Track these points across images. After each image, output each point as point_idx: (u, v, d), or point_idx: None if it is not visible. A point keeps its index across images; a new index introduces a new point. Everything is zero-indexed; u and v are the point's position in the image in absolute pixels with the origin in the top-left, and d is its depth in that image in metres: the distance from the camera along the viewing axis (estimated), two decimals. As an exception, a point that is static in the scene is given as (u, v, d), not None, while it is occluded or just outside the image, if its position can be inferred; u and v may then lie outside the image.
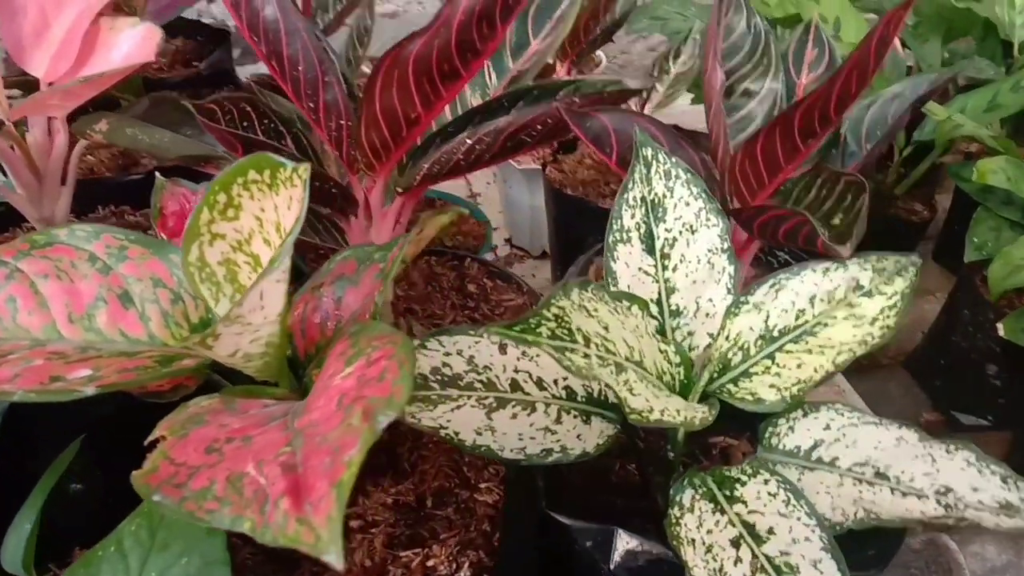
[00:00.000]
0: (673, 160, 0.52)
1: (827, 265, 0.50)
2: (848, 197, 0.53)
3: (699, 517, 0.45)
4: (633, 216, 0.51)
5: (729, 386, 0.50)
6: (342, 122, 0.55)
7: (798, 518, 0.43)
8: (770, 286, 0.50)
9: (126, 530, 0.38)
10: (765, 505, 0.45)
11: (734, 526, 0.44)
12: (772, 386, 0.48)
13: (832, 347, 0.48)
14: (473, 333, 0.46)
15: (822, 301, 0.49)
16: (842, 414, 0.48)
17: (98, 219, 0.80)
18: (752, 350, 0.50)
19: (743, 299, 0.50)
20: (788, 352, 0.49)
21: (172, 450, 0.28)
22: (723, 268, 0.51)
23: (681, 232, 0.51)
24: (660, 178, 0.52)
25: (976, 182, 0.77)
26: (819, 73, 0.72)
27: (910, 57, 1.14)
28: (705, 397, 0.50)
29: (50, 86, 0.61)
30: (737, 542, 0.43)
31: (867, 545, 0.49)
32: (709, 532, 0.44)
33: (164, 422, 0.31)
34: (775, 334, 0.50)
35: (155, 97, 0.61)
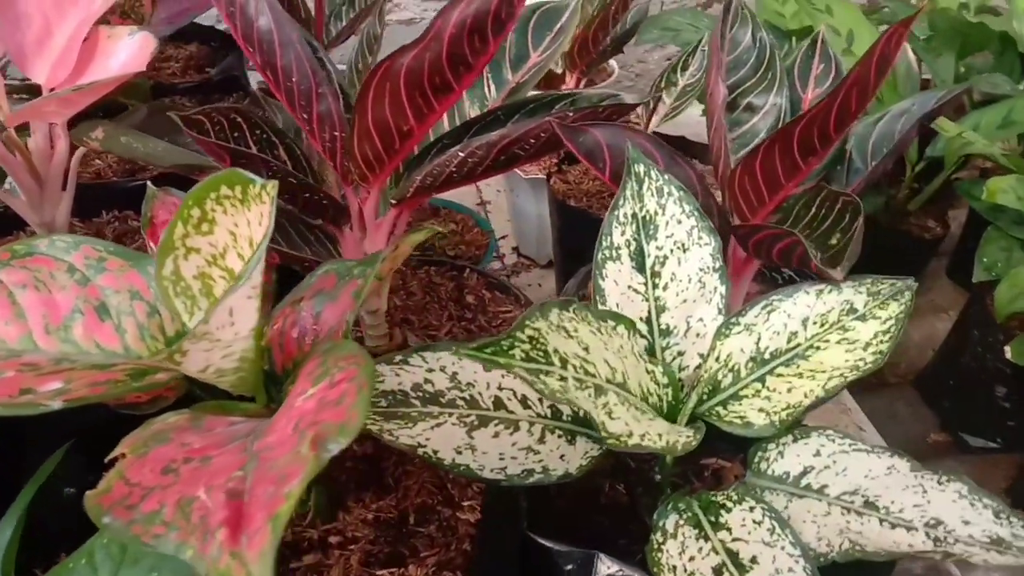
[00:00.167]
0: (666, 177, 0.51)
1: (821, 287, 0.49)
2: (846, 217, 0.52)
3: (682, 543, 0.44)
4: (623, 233, 0.51)
5: (718, 408, 0.49)
6: (336, 133, 0.54)
7: (782, 547, 0.42)
8: (762, 307, 0.49)
9: (97, 543, 0.38)
10: (750, 533, 0.44)
11: (717, 554, 0.43)
12: (762, 410, 0.47)
13: (824, 371, 0.47)
14: (456, 349, 0.46)
15: (815, 324, 0.48)
16: (833, 440, 0.47)
17: (101, 224, 0.81)
18: (743, 372, 0.49)
19: (734, 320, 0.49)
20: (779, 376, 0.48)
21: (129, 469, 0.28)
22: (714, 287, 0.50)
23: (673, 250, 0.51)
24: (652, 195, 0.51)
25: (986, 201, 0.75)
26: (825, 88, 0.71)
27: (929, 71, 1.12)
28: (693, 419, 0.49)
29: (52, 92, 0.61)
30: (720, 570, 0.42)
31: (856, 576, 0.47)
32: (691, 559, 0.43)
33: (128, 439, 0.31)
34: (766, 356, 0.49)
35: (154, 105, 0.61)
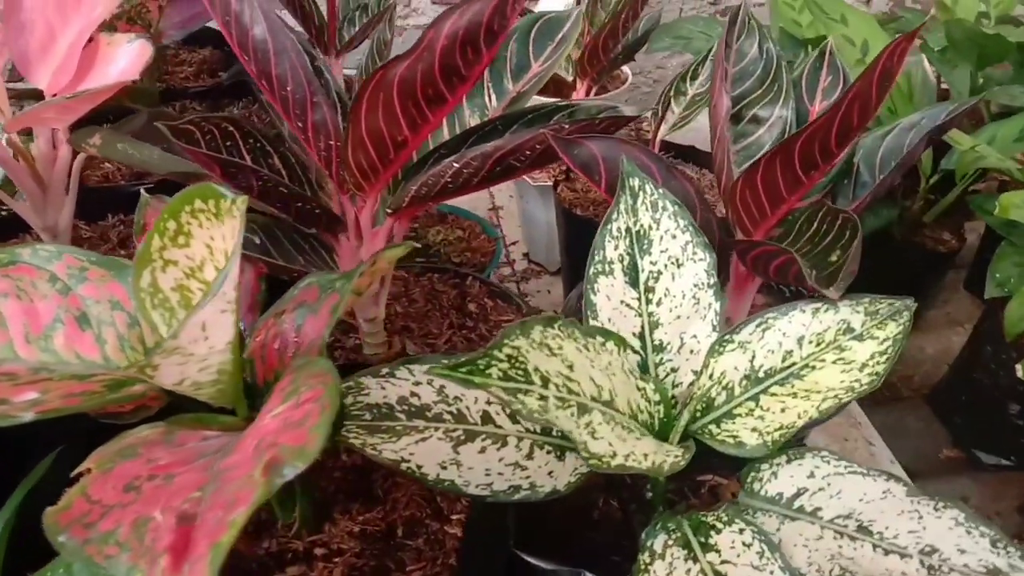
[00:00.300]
0: (660, 191, 0.50)
1: (817, 306, 0.48)
2: (846, 234, 0.51)
3: (670, 564, 0.43)
4: (616, 247, 0.50)
5: (711, 427, 0.48)
6: (331, 142, 0.54)
7: (771, 572, 0.41)
8: (756, 325, 0.48)
9: (75, 554, 0.38)
10: (739, 556, 0.43)
11: (705, 576, 0.42)
12: (754, 430, 0.46)
13: (818, 392, 0.46)
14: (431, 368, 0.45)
15: (810, 343, 0.47)
16: (828, 462, 0.46)
17: (107, 227, 0.81)
18: (736, 390, 0.48)
19: (728, 337, 0.49)
20: (773, 395, 0.47)
21: (92, 486, 0.27)
22: (709, 304, 0.49)
23: (667, 265, 0.50)
24: (647, 209, 0.50)
25: (999, 216, 0.73)
26: (832, 100, 0.70)
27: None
28: (685, 438, 0.48)
29: (51, 98, 0.62)
30: (706, 594, 0.41)
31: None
32: (677, 581, 0.42)
33: (96, 453, 0.30)
34: (760, 375, 0.48)
35: (154, 111, 0.61)
